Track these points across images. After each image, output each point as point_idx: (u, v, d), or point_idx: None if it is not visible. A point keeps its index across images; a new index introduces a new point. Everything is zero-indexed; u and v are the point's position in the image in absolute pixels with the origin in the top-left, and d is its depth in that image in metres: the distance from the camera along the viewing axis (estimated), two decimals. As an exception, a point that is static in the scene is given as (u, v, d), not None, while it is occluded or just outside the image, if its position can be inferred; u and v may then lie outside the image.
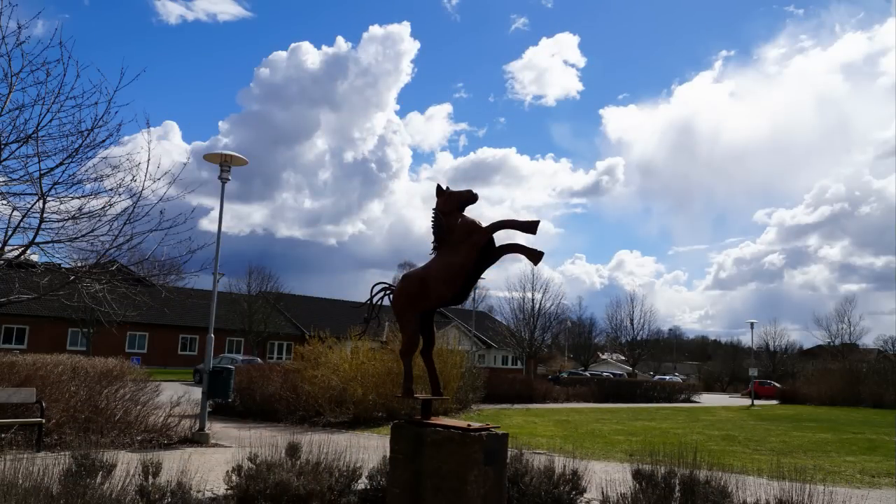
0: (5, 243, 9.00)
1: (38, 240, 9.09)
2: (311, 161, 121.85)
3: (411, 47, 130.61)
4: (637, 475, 6.81)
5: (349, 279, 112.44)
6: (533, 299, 53.05)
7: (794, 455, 13.93)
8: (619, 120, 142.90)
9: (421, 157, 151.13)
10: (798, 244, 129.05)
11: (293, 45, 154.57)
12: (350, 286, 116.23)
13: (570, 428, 18.55)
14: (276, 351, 55.96)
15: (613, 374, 54.96)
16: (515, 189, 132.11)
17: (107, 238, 9.65)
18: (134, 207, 9.63)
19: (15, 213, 9.16)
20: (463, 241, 6.03)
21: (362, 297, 7.69)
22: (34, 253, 9.73)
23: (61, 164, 9.05)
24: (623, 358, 77.75)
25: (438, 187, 6.43)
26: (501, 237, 6.10)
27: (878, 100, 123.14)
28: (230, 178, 13.28)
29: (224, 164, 13.16)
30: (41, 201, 8.94)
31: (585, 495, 7.52)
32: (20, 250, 9.23)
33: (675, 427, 20.32)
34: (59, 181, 9.13)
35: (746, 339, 77.32)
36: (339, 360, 18.16)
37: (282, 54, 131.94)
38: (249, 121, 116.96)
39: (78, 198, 9.38)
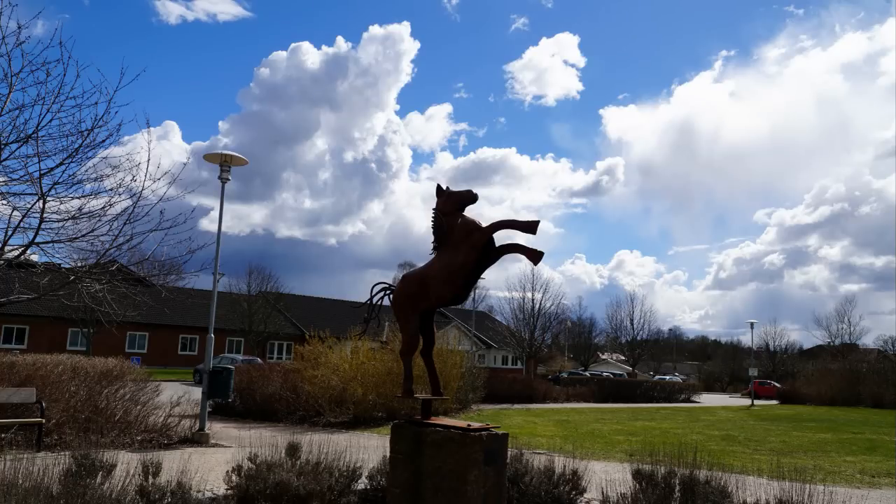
0: (5, 243, 9.00)
1: (38, 240, 9.09)
2: (311, 161, 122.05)
3: (411, 47, 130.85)
4: (637, 475, 6.81)
5: (349, 279, 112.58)
6: (533, 299, 53.08)
7: (794, 455, 13.93)
8: (619, 120, 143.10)
9: (421, 157, 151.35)
10: (798, 244, 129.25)
11: (293, 45, 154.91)
12: (350, 286, 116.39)
13: (570, 428, 18.55)
14: (276, 351, 55.95)
15: (613, 374, 54.94)
16: (515, 189, 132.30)
17: (107, 238, 9.65)
18: (134, 207, 9.64)
19: (15, 213, 9.16)
20: (463, 241, 6.03)
21: (362, 297, 7.69)
22: (34, 253, 9.73)
23: (61, 164, 9.05)
24: (623, 358, 77.72)
25: (438, 187, 6.43)
26: (501, 237, 6.10)
27: (878, 100, 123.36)
28: (230, 178, 13.28)
29: (224, 164, 13.16)
30: (41, 201, 8.94)
31: (585, 495, 7.53)
32: (20, 250, 9.22)
33: (675, 427, 20.32)
34: (59, 181, 9.13)
35: (746, 339, 77.33)
36: (339, 360, 18.16)
37: (282, 54, 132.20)
38: (249, 121, 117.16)
39: (78, 198, 9.38)
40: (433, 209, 6.39)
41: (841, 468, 12.27)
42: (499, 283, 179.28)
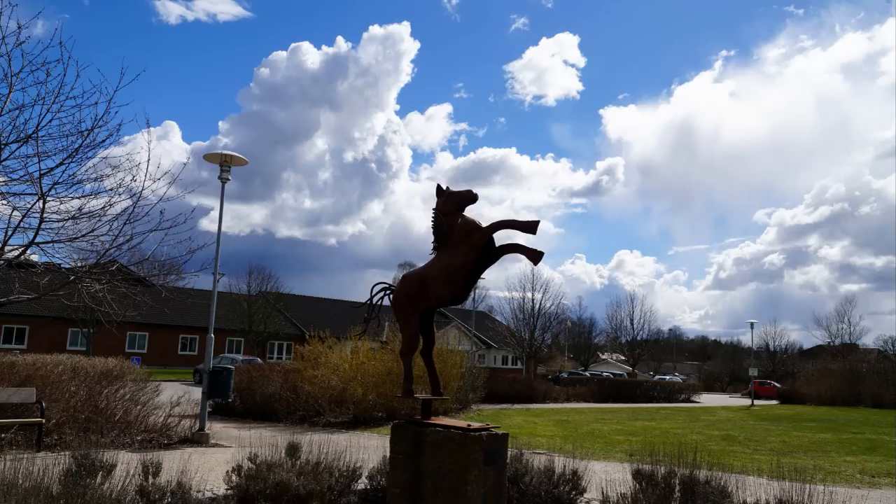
0: (5, 243, 9.00)
1: (38, 240, 9.09)
2: (311, 161, 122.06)
3: (411, 47, 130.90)
4: (637, 475, 6.81)
5: (349, 279, 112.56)
6: (533, 299, 53.07)
7: (794, 455, 13.93)
8: (619, 120, 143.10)
9: (421, 157, 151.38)
10: (798, 244, 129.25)
11: (293, 45, 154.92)
12: (350, 286, 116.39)
13: (570, 428, 18.55)
14: (276, 351, 55.95)
15: (613, 374, 54.93)
16: (515, 189, 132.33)
17: (107, 238, 9.65)
18: (134, 207, 9.64)
19: (15, 213, 9.16)
20: (463, 241, 6.03)
21: (362, 297, 7.69)
22: (34, 253, 9.73)
23: (61, 164, 9.05)
24: (623, 358, 77.71)
25: (438, 187, 6.43)
26: (501, 237, 6.10)
27: (878, 100, 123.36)
28: (230, 178, 13.28)
29: (224, 164, 13.16)
30: (41, 201, 8.94)
31: (585, 495, 7.53)
32: (20, 250, 9.22)
33: (675, 427, 20.32)
34: (59, 181, 9.13)
35: (746, 339, 77.30)
36: (339, 360, 18.16)
37: (282, 54, 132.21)
38: (249, 121, 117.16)
39: (78, 198, 9.38)
40: (433, 209, 6.39)
41: (841, 468, 12.27)
42: (499, 283, 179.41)
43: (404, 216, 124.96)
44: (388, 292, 6.93)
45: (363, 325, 7.38)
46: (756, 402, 42.51)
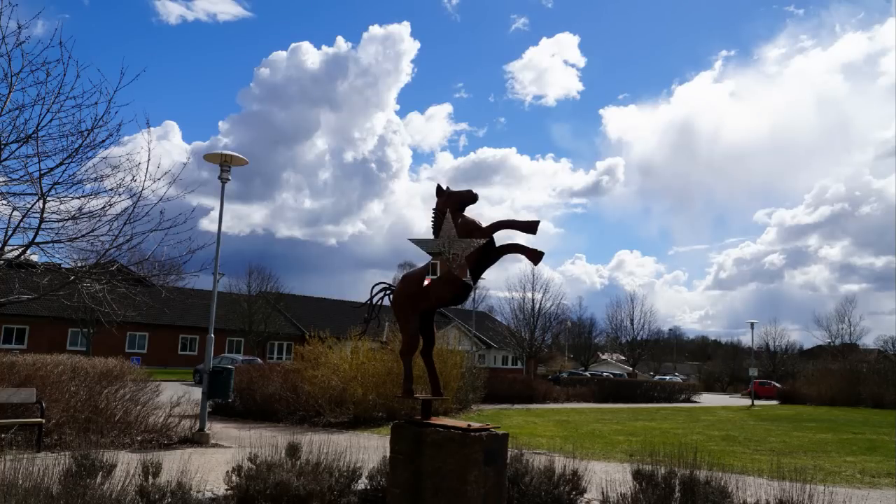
0: (5, 243, 8.98)
1: (38, 240, 9.07)
2: (311, 161, 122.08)
3: (411, 47, 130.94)
4: (637, 475, 6.81)
5: (349, 279, 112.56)
6: (533, 299, 53.02)
7: (795, 455, 13.92)
8: (619, 120, 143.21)
9: (421, 157, 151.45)
10: (798, 244, 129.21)
11: (293, 45, 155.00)
12: (350, 286, 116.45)
13: (570, 428, 18.55)
14: (276, 351, 55.94)
15: (613, 375, 54.95)
16: (515, 189, 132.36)
17: (107, 238, 9.62)
18: (134, 207, 9.60)
19: (15, 213, 9.13)
20: (463, 241, 6.03)
21: (362, 297, 7.70)
22: (34, 253, 9.70)
23: (61, 164, 9.02)
24: (623, 358, 77.69)
25: (438, 187, 6.43)
26: (501, 237, 6.10)
27: (878, 100, 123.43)
28: (230, 178, 13.28)
29: (224, 164, 13.17)
30: (41, 201, 8.92)
31: (585, 495, 7.52)
32: (20, 250, 9.21)
33: (675, 427, 20.32)
34: (59, 181, 9.09)
35: (746, 339, 77.22)
36: (339, 360, 18.16)
37: (282, 54, 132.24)
38: (249, 121, 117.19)
39: (78, 198, 9.35)
40: (433, 209, 6.39)
41: (841, 468, 12.27)
42: (499, 283, 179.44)
43: (404, 216, 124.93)
44: (388, 292, 6.93)
45: (363, 325, 7.40)
46: (756, 402, 42.49)
